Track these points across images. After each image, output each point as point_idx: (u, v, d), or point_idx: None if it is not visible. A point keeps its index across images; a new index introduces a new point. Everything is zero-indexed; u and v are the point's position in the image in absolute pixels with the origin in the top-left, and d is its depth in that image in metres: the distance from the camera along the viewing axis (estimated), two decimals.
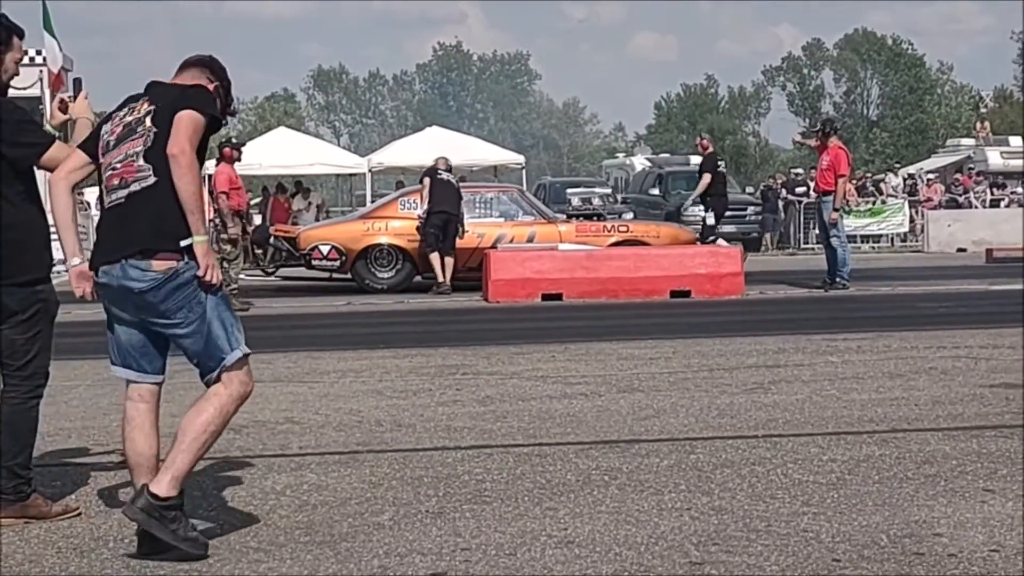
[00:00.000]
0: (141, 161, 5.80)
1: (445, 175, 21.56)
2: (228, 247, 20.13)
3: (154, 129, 5.81)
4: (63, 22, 32.56)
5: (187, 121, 5.72)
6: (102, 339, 6.08)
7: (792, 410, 9.27)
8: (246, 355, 5.85)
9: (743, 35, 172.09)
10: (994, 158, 47.47)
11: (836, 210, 20.45)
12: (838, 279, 20.45)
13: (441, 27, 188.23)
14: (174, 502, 5.67)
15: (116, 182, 5.87)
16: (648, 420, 9.00)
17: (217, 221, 20.27)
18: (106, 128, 6.04)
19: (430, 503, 6.70)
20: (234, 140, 21.74)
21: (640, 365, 11.76)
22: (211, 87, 6.05)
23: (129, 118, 5.95)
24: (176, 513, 5.67)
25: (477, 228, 21.85)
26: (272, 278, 24.55)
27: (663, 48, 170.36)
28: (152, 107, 5.89)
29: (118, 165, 5.87)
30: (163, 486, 5.65)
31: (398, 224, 21.97)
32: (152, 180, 5.76)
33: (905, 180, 42.82)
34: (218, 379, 5.80)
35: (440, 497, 6.83)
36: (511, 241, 21.63)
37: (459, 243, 21.27)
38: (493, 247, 20.98)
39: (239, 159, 21.71)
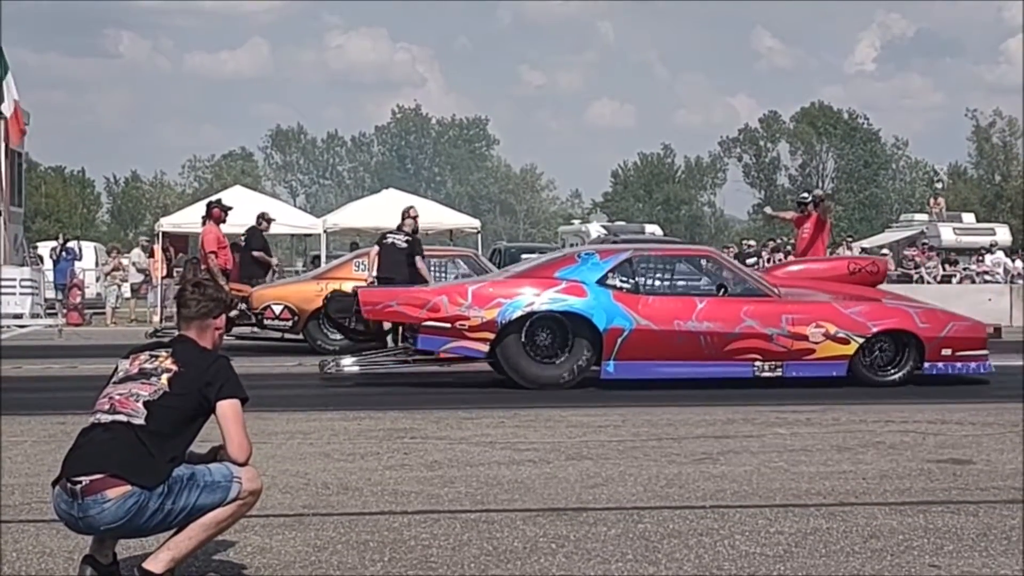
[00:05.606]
0: (140, 405, 5.88)
1: (392, 238, 21.38)
2: None
3: (166, 389, 5.92)
4: (19, 75, 32.67)
5: (234, 417, 5.94)
6: (49, 395, 6.09)
7: (740, 481, 9.27)
8: (239, 480, 5.89)
9: (700, 106, 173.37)
10: (947, 234, 47.90)
11: None
12: None
13: (400, 90, 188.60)
14: None
15: (106, 407, 5.95)
16: (596, 488, 8.98)
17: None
18: (124, 364, 6.15)
19: (375, 568, 6.67)
20: (222, 201, 21.66)
21: (589, 432, 11.74)
22: (220, 323, 6.27)
23: (148, 365, 6.06)
24: None
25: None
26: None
27: (621, 116, 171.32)
28: (174, 368, 6.00)
29: (116, 396, 5.96)
30: (160, 564, 5.74)
31: (352, 285, 21.87)
32: (140, 422, 5.83)
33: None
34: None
35: (385, 562, 6.79)
36: None
37: None
38: None
39: (225, 220, 21.66)
